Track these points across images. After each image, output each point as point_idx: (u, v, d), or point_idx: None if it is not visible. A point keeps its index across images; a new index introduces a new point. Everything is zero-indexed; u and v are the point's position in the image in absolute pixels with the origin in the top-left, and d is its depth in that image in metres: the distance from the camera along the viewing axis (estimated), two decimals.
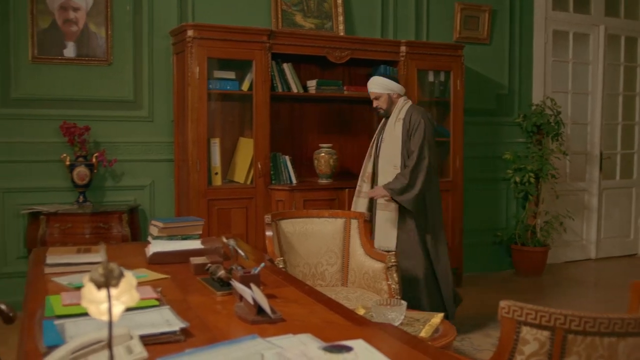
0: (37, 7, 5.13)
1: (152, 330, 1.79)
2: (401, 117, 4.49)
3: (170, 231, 3.12)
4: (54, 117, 5.13)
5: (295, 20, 5.74)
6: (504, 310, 1.71)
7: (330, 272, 4.00)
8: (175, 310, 2.00)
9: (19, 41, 5.10)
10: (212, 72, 5.13)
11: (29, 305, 2.18)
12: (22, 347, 1.78)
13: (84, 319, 1.90)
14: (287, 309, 2.12)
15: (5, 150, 5.08)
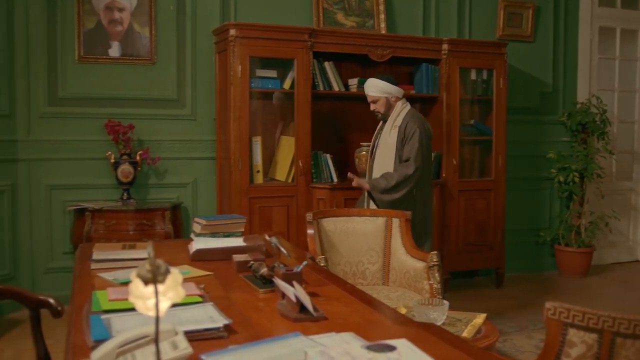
0: (84, 7, 5.23)
1: (196, 327, 1.80)
2: (397, 124, 4.38)
3: (212, 228, 3.15)
4: (99, 116, 5.23)
5: (337, 18, 5.74)
6: (550, 312, 1.68)
7: (371, 271, 3.99)
8: (218, 307, 2.02)
9: (65, 41, 5.21)
10: (254, 71, 5.16)
11: (76, 300, 2.22)
12: (70, 341, 1.81)
13: (130, 314, 1.93)
14: (329, 307, 2.12)
15: (53, 148, 5.20)
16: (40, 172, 5.20)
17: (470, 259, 5.92)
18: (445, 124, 5.70)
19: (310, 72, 5.21)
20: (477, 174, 6.11)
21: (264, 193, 5.11)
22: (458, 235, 5.80)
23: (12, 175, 5.12)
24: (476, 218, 5.87)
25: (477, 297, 5.67)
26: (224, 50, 5.15)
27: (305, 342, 1.74)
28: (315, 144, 5.34)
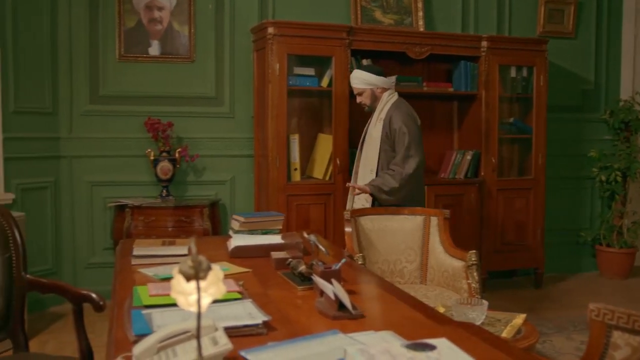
0: (124, 7, 5.30)
1: (235, 323, 1.81)
2: (382, 117, 4.24)
3: (251, 225, 3.17)
4: (139, 114, 5.29)
5: (375, 16, 5.72)
6: (594, 313, 1.65)
7: (409, 270, 3.97)
8: (257, 304, 2.03)
9: (107, 40, 5.29)
10: (292, 69, 5.17)
11: (118, 295, 2.25)
12: (112, 335, 1.84)
13: (170, 309, 1.95)
14: (368, 305, 2.11)
15: (94, 146, 5.28)
16: (82, 169, 5.29)
17: (509, 259, 5.85)
18: (484, 122, 5.64)
19: (348, 70, 5.19)
20: (516, 173, 6.03)
21: (301, 191, 5.12)
22: (496, 235, 5.73)
23: (55, 172, 5.22)
24: (515, 217, 5.80)
25: (516, 297, 5.61)
26: (262, 48, 5.17)
27: (344, 339, 1.74)
28: (353, 141, 5.31)
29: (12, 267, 2.65)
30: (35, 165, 5.05)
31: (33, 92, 5.02)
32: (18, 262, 2.67)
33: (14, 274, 2.65)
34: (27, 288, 2.67)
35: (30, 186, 5.01)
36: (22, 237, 2.70)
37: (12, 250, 2.67)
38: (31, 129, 5.00)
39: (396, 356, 1.45)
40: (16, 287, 2.65)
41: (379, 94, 4.29)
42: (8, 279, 2.63)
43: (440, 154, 5.92)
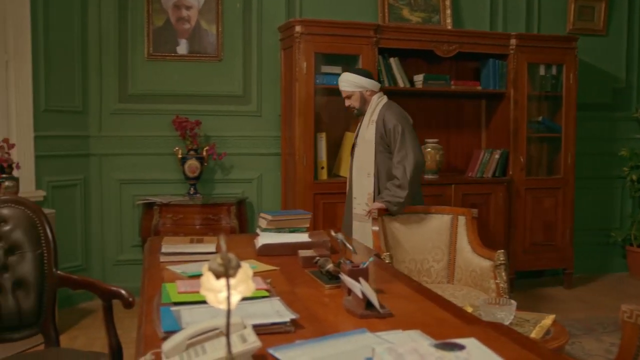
0: (153, 6, 5.35)
1: (263, 321, 1.82)
2: (374, 119, 4.13)
3: (278, 224, 3.17)
4: (168, 112, 5.34)
5: (402, 14, 5.69)
6: (626, 314, 1.63)
7: (436, 269, 3.95)
8: (285, 302, 2.03)
9: (135, 39, 5.34)
10: (319, 67, 5.17)
11: (147, 292, 2.27)
12: (142, 331, 1.86)
13: (198, 306, 1.96)
14: (396, 304, 2.10)
15: (122, 144, 5.34)
16: (111, 167, 5.35)
17: (537, 259, 5.79)
18: (512, 120, 5.59)
19: (376, 68, 5.18)
20: (545, 172, 5.97)
21: (328, 189, 5.12)
22: (524, 234, 5.68)
23: (84, 169, 5.29)
24: (543, 217, 5.74)
25: (544, 298, 5.55)
26: (289, 46, 5.18)
27: (372, 338, 1.73)
28: None
29: (43, 263, 2.69)
30: (65, 163, 5.11)
31: (63, 91, 5.09)
32: (49, 259, 2.70)
33: (45, 270, 2.69)
34: (58, 284, 2.70)
35: (61, 184, 5.08)
36: (53, 233, 2.74)
37: (44, 246, 2.70)
38: (62, 127, 5.07)
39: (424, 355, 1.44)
40: (47, 283, 2.68)
41: (368, 97, 4.20)
42: (40, 275, 2.67)
43: (468, 153, 5.88)
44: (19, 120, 4.76)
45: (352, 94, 4.19)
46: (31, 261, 2.67)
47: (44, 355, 2.52)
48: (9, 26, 4.70)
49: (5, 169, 4.24)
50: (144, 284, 2.43)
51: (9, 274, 2.64)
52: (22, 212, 2.71)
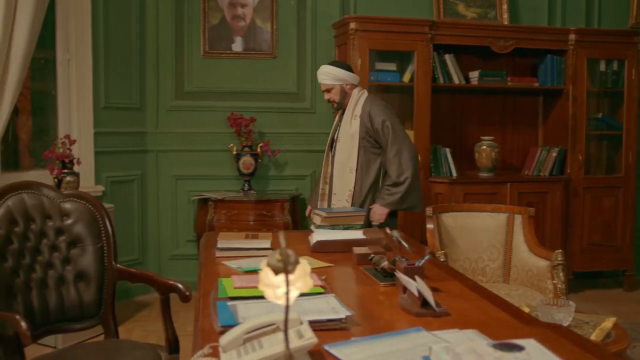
0: (209, 4, 5.41)
1: (319, 317, 1.82)
2: (357, 113, 3.97)
3: (332, 220, 3.18)
4: (223, 109, 5.40)
5: (458, 10, 5.63)
6: None
7: (491, 268, 3.89)
8: (340, 299, 2.03)
9: (192, 37, 5.41)
10: (374, 64, 5.15)
11: (203, 286, 2.30)
12: (199, 325, 1.88)
13: (254, 301, 1.98)
14: (452, 303, 2.08)
15: (178, 140, 5.42)
16: (167, 163, 5.44)
17: (596, 260, 5.65)
18: (570, 117, 5.48)
19: (431, 65, 5.14)
20: (604, 171, 5.83)
21: None
22: (582, 234, 5.55)
23: (141, 165, 5.39)
24: (602, 217, 5.60)
25: (603, 300, 5.41)
26: (343, 43, 5.18)
27: (428, 337, 1.72)
28: (434, 137, 5.27)
29: (103, 256, 2.75)
30: (123, 158, 5.22)
31: (122, 88, 5.20)
32: (109, 252, 2.77)
33: (105, 263, 2.75)
34: (117, 277, 2.76)
35: (119, 179, 5.19)
36: (112, 227, 2.80)
37: (104, 240, 2.77)
38: (120, 124, 5.17)
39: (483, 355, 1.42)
40: (107, 275, 2.75)
41: (348, 90, 4.04)
42: (100, 268, 2.73)
43: (524, 151, 5.79)
44: (79, 117, 4.89)
45: (332, 87, 4.03)
46: (92, 254, 2.73)
47: (104, 346, 2.58)
48: (71, 26, 4.82)
49: (67, 165, 4.35)
50: (201, 278, 2.47)
51: (71, 267, 2.71)
52: (84, 206, 2.78)
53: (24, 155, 4.94)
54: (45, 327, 2.60)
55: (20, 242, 2.57)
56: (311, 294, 2.06)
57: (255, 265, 2.53)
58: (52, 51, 4.84)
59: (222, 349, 1.55)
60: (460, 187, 5.06)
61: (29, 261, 2.59)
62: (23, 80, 4.18)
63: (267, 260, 1.23)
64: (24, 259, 2.57)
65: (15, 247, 2.54)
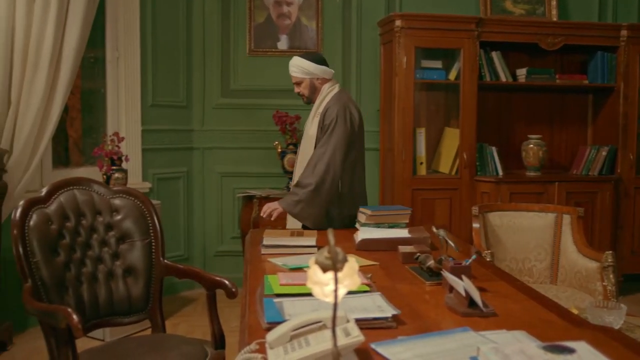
0: (254, 3, 5.45)
1: (365, 315, 1.82)
2: (319, 111, 3.66)
3: (377, 219, 3.17)
4: (268, 107, 5.43)
5: (505, 6, 5.55)
6: None
7: (538, 269, 3.83)
8: (386, 297, 2.03)
9: (237, 36, 5.46)
10: (419, 62, 5.12)
11: (249, 283, 2.32)
12: (245, 321, 1.90)
13: (300, 299, 1.99)
14: (499, 303, 2.05)
15: (224, 138, 5.47)
16: (212, 160, 5.50)
17: None
18: (621, 115, 5.35)
19: (477, 63, 5.08)
20: None
21: (427, 185, 5.07)
22: (633, 236, 5.43)
23: (188, 162, 5.46)
24: None
25: None
26: (389, 41, 5.15)
27: (475, 337, 1.70)
28: (480, 136, 5.21)
29: (151, 252, 2.80)
30: (170, 156, 5.29)
31: (169, 86, 5.27)
32: (157, 248, 2.81)
33: (153, 259, 2.79)
34: (164, 272, 2.80)
35: (165, 176, 5.26)
36: (160, 223, 2.85)
37: (152, 236, 2.81)
38: (167, 121, 5.24)
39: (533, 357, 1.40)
40: (155, 271, 2.79)
41: (318, 85, 3.73)
42: (148, 263, 2.78)
43: (573, 150, 5.68)
44: (127, 115, 4.97)
45: (301, 80, 3.73)
46: (140, 250, 2.78)
47: (152, 340, 2.62)
48: (120, 26, 4.91)
49: (115, 162, 4.43)
50: (247, 275, 2.49)
51: (120, 262, 2.76)
52: (133, 202, 2.82)
53: (73, 152, 5.05)
54: (94, 320, 2.66)
55: (72, 237, 2.63)
56: (357, 292, 2.06)
57: (300, 263, 2.54)
58: (101, 50, 4.93)
59: (268, 346, 1.55)
60: (506, 186, 4.99)
61: (79, 256, 2.64)
62: (74, 79, 4.27)
63: (316, 257, 1.23)
64: (75, 253, 2.63)
65: (67, 241, 2.60)
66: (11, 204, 3.98)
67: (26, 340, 4.17)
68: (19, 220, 2.44)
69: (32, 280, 2.39)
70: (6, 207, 3.98)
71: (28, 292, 2.34)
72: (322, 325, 1.57)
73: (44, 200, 2.59)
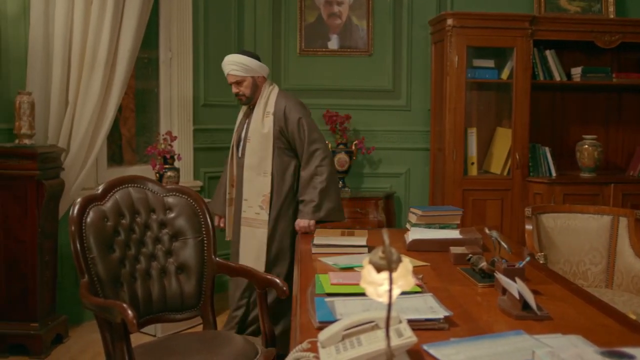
0: (305, 3, 5.47)
1: (417, 316, 1.81)
2: (270, 110, 3.57)
3: (428, 219, 3.15)
4: (318, 106, 5.43)
5: (560, 3, 5.44)
6: None
7: (593, 272, 3.75)
8: (437, 298, 2.01)
9: (288, 35, 5.49)
10: (471, 61, 5.06)
11: (301, 282, 2.33)
12: (297, 320, 1.91)
13: (351, 298, 1.99)
14: (553, 307, 2.02)
15: None
16: None
17: None
18: None
19: (530, 61, 5.00)
20: None
21: (478, 185, 5.01)
22: None
23: None
24: None
25: None
26: (440, 40, 5.11)
27: (530, 341, 1.68)
28: (533, 136, 5.12)
29: (203, 249, 2.83)
30: (220, 155, 5.33)
31: (220, 86, 5.32)
32: (209, 246, 2.84)
33: (205, 257, 2.83)
34: (216, 270, 2.84)
35: (216, 174, 5.30)
36: (212, 222, 2.88)
37: (204, 233, 2.85)
38: (217, 121, 5.30)
39: None
40: (207, 268, 2.82)
41: (260, 83, 3.64)
42: (200, 260, 2.81)
43: (629, 150, 5.53)
44: (180, 114, 5.05)
45: (243, 79, 3.58)
46: (193, 247, 2.82)
47: (204, 336, 2.66)
48: (173, 27, 4.98)
49: (168, 160, 4.50)
50: (297, 274, 2.50)
51: (173, 259, 2.80)
52: (185, 200, 2.86)
53: (126, 151, 5.15)
54: (147, 316, 2.70)
55: (127, 234, 2.68)
56: (409, 292, 2.05)
57: (351, 262, 2.54)
58: (155, 51, 5.02)
59: (320, 345, 1.56)
60: (560, 188, 4.90)
61: (134, 252, 2.69)
62: (128, 80, 4.36)
63: (370, 257, 1.23)
64: (130, 250, 2.68)
65: (122, 238, 2.65)
66: (67, 201, 4.09)
67: (81, 333, 4.27)
68: (76, 217, 2.49)
69: (88, 276, 2.44)
70: (63, 204, 4.09)
71: (85, 287, 2.40)
72: (375, 325, 1.57)
73: (100, 198, 2.64)
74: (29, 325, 3.79)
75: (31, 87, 3.98)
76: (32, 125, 3.84)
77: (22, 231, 3.75)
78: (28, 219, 3.75)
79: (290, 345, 1.74)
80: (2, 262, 3.77)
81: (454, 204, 4.79)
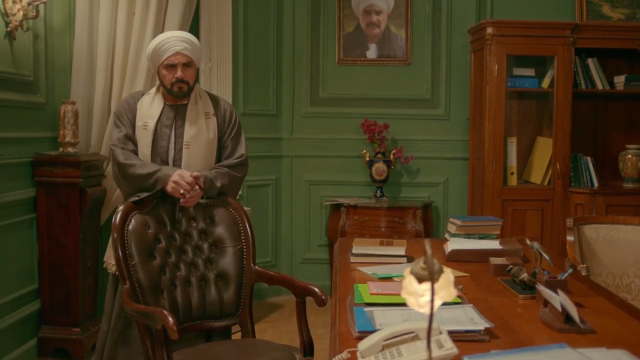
0: (344, 12, 5.49)
1: (457, 327, 1.80)
2: (208, 110, 3.09)
3: (468, 229, 3.12)
4: (356, 115, 5.44)
5: (602, 11, 5.36)
6: None
7: (637, 285, 3.67)
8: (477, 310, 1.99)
9: (327, 45, 5.51)
10: (511, 70, 5.02)
11: (339, 291, 2.33)
12: (336, 329, 1.90)
13: (390, 308, 1.98)
14: (597, 320, 1.98)
15: (313, 146, 5.53)
16: (301, 168, 5.56)
17: None
18: None
19: (572, 70, 4.93)
20: None
21: (517, 195, 4.96)
22: None
23: (277, 170, 5.54)
24: None
25: None
26: (479, 49, 5.08)
27: (573, 355, 1.65)
28: (575, 145, 5.05)
29: (243, 258, 2.85)
30: (259, 163, 5.38)
31: (259, 95, 5.38)
32: (248, 254, 2.86)
33: (244, 265, 2.85)
34: (255, 278, 2.85)
35: (255, 183, 5.36)
36: (251, 230, 2.90)
37: (243, 242, 2.87)
38: (257, 130, 5.34)
39: None
40: (246, 276, 2.84)
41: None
42: (239, 269, 2.83)
43: None
44: None
45: (192, 64, 3.02)
46: (232, 255, 2.84)
47: (242, 344, 2.68)
48: (213, 37, 5.04)
49: None
50: (336, 283, 2.49)
51: (213, 267, 2.83)
52: (225, 209, 2.89)
53: None
54: (187, 323, 2.73)
55: (167, 242, 2.72)
56: (449, 303, 2.03)
57: (390, 272, 2.53)
58: None
59: (360, 355, 1.56)
60: (602, 198, 4.81)
61: (174, 260, 2.72)
62: None
63: (411, 268, 1.23)
64: (170, 257, 2.71)
65: (163, 246, 2.69)
66: (109, 208, 4.15)
67: None
68: (119, 224, 2.53)
69: (129, 283, 2.48)
70: (104, 212, 4.16)
71: (127, 294, 2.43)
72: (415, 336, 1.56)
73: (142, 206, 2.68)
74: (71, 330, 3.86)
75: (75, 97, 4.07)
76: (75, 133, 3.92)
77: (65, 237, 3.83)
78: (71, 226, 3.82)
79: (330, 355, 1.74)
80: (46, 267, 3.85)
81: (493, 214, 4.74)
